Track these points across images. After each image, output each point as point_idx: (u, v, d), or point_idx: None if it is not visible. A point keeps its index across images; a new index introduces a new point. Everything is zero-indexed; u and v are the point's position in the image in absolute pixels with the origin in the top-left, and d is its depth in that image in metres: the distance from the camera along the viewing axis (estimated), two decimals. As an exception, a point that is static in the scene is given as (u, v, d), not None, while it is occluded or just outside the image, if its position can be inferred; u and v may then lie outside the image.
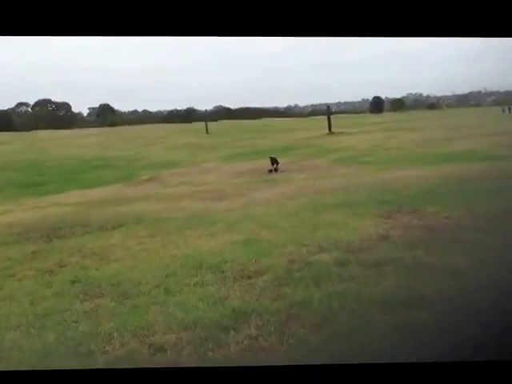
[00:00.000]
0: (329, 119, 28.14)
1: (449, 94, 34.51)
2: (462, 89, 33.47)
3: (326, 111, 29.73)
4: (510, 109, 28.28)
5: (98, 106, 39.32)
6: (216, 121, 37.57)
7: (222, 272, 7.76)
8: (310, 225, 10.07)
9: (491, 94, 33.57)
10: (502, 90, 33.01)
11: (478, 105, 33.55)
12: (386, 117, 33.18)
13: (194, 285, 7.36)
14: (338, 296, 6.27)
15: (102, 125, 38.86)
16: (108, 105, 38.04)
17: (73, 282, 8.30)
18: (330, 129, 27.77)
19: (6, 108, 42.12)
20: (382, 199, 11.30)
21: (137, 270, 8.47)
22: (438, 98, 34.59)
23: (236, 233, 10.18)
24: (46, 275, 8.90)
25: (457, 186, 12.07)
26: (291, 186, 15.69)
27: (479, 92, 33.76)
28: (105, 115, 38.25)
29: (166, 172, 24.29)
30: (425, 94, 34.76)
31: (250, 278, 7.40)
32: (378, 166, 18.40)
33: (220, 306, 6.50)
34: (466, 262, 7.10)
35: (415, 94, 34.67)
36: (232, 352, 5.31)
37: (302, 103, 38.05)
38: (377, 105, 34.39)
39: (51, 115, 42.66)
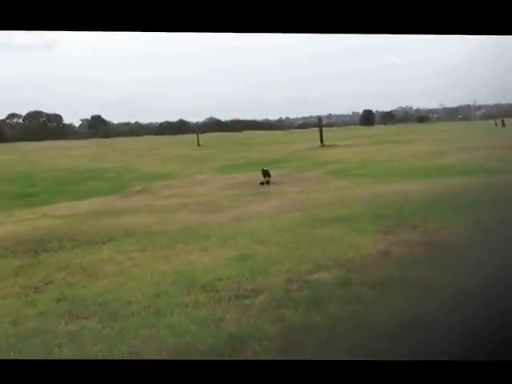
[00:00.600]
0: (320, 132, 27.62)
1: (438, 107, 34.17)
2: (451, 102, 33.04)
3: (318, 123, 29.23)
4: (503, 122, 27.92)
5: (89, 117, 38.59)
6: (207, 133, 37.00)
7: (216, 291, 7.20)
8: (306, 240, 9.53)
9: (480, 107, 33.24)
10: (491, 103, 32.70)
11: (467, 118, 33.20)
12: (377, 130, 32.69)
13: (187, 305, 6.80)
14: (341, 320, 5.73)
15: (94, 136, 38.17)
16: (99, 116, 37.38)
17: (58, 300, 7.71)
18: (321, 141, 27.24)
19: (-3, 119, 41.40)
20: (380, 213, 10.76)
21: (126, 287, 7.88)
22: (428, 111, 34.23)
23: (230, 248, 9.62)
24: (31, 292, 8.28)
25: (455, 200, 11.56)
26: (284, 199, 15.13)
27: (468, 105, 33.43)
28: (96, 127, 37.59)
29: (157, 184, 23.67)
30: (414, 108, 34.37)
31: (245, 297, 6.85)
32: (371, 179, 17.88)
33: (215, 329, 5.94)
34: (472, 281, 6.57)
35: (405, 107, 34.28)
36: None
37: (292, 116, 37.47)
38: (367, 118, 33.94)
39: (42, 127, 41.93)
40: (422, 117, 33.15)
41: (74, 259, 9.99)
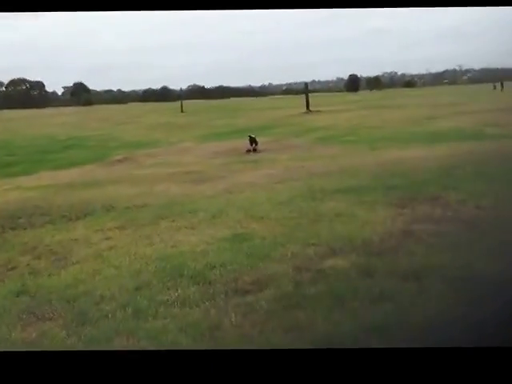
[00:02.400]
0: (307, 97, 25.90)
1: (424, 72, 32.63)
2: (437, 67, 31.51)
3: (304, 89, 27.48)
4: (502, 85, 26.42)
5: (72, 85, 36.48)
6: (191, 100, 35.12)
7: (209, 283, 5.63)
8: (309, 216, 7.97)
9: (466, 71, 31.77)
10: (478, 67, 31.24)
11: (453, 83, 31.74)
12: (363, 95, 31.08)
13: (173, 304, 5.23)
14: (375, 327, 4.21)
15: (77, 104, 36.10)
16: (82, 83, 35.30)
17: (18, 293, 6.11)
18: (307, 107, 25.57)
19: (-21, 87, 39.12)
20: (389, 184, 9.21)
21: (100, 277, 6.27)
22: (413, 77, 32.68)
23: (221, 225, 8.04)
24: (-12, 282, 6.69)
25: (469, 167, 10.03)
26: (276, 167, 13.49)
27: (454, 70, 31.94)
28: (79, 94, 35.50)
29: (140, 152, 21.94)
30: (399, 73, 32.77)
31: (246, 293, 5.29)
32: (365, 146, 16.34)
33: (210, 341, 4.40)
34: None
35: (390, 72, 32.64)
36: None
37: (275, 82, 35.67)
38: (353, 83, 32.26)
39: (25, 94, 39.68)
40: (408, 82, 31.57)
41: (44, 239, 8.35)
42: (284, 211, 8.40)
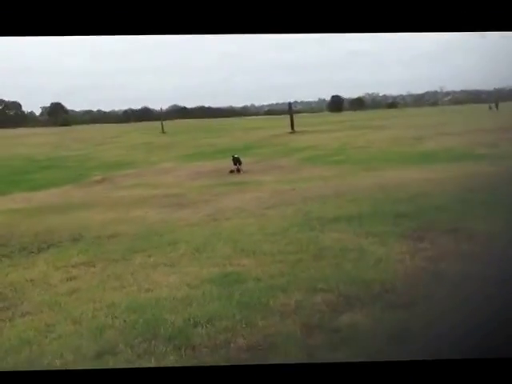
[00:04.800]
0: (291, 117, 24.61)
1: (404, 93, 31.67)
2: (418, 89, 30.59)
3: (286, 110, 26.25)
4: (497, 105, 25.43)
5: (49, 105, 34.86)
6: (172, 120, 33.73)
7: (193, 349, 4.16)
8: (309, 250, 6.53)
9: (447, 93, 30.86)
10: (458, 89, 30.40)
11: (434, 104, 30.79)
12: (348, 115, 29.90)
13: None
14: None
15: (54, 124, 34.46)
16: (60, 103, 33.67)
17: None
18: (292, 127, 24.27)
19: (-46, 107, 37.37)
20: (396, 211, 7.81)
21: (52, 337, 4.76)
22: (395, 98, 31.67)
23: (206, 261, 6.59)
24: None
25: (478, 191, 8.72)
26: (265, 190, 12.07)
27: (435, 92, 31.01)
28: (56, 115, 33.87)
29: (119, 173, 20.46)
30: (381, 94, 31.73)
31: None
32: (355, 167, 15.06)
33: None
34: None
35: (372, 93, 31.58)
36: None
37: (257, 103, 34.46)
38: (336, 104, 31.11)
39: (1, 114, 38.01)
40: (391, 103, 30.53)
41: (-7, 279, 6.83)
42: (279, 244, 6.96)
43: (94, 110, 39.11)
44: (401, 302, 4.61)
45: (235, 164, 17.46)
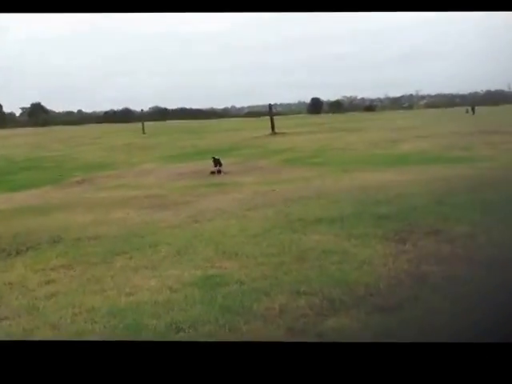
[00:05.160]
0: (271, 119, 24.49)
1: (382, 96, 31.79)
2: (395, 92, 30.72)
3: (266, 112, 26.13)
4: (473, 110, 25.58)
5: (29, 106, 34.28)
6: (153, 121, 33.39)
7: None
8: (292, 252, 6.40)
9: (423, 97, 31.06)
10: (433, 93, 30.62)
11: (410, 107, 30.97)
12: (326, 118, 29.89)
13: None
14: None
15: (35, 125, 33.87)
16: (40, 104, 33.11)
17: None
18: (272, 129, 24.16)
19: None
20: (377, 212, 7.72)
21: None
22: (372, 101, 31.78)
23: (188, 264, 6.41)
24: None
25: (459, 192, 8.68)
26: (245, 191, 11.92)
27: (411, 95, 31.20)
28: (37, 115, 33.29)
29: (100, 174, 20.13)
30: (359, 97, 31.82)
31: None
32: (334, 168, 15.00)
33: None
34: None
35: (350, 96, 31.65)
36: None
37: (238, 105, 34.30)
38: (315, 106, 31.11)
39: (-20, 116, 37.28)
40: (369, 106, 30.61)
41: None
42: (261, 246, 6.81)
43: (75, 110, 38.59)
44: (385, 305, 4.49)
45: (215, 165, 17.30)
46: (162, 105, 35.66)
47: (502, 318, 3.95)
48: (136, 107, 33.79)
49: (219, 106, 35.50)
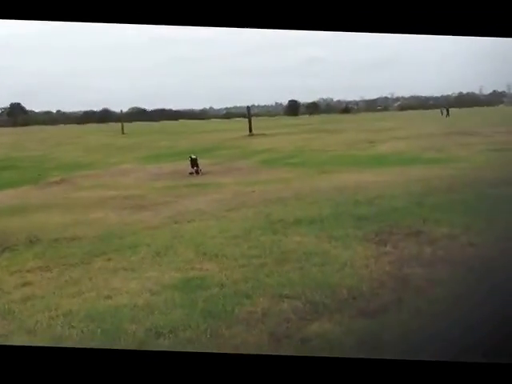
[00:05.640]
0: (249, 120, 24.32)
1: (357, 99, 31.87)
2: (370, 95, 30.85)
3: (244, 113, 25.96)
4: (448, 111, 25.71)
5: (8, 105, 33.57)
6: (132, 122, 32.96)
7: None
8: (273, 254, 6.23)
9: (397, 99, 31.21)
10: (407, 95, 30.81)
11: (385, 109, 31.09)
12: (303, 120, 29.83)
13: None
14: None
15: (14, 125, 33.19)
16: (19, 104, 32.47)
17: None
18: (250, 130, 23.98)
19: None
20: (357, 213, 7.60)
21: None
22: (348, 103, 31.84)
23: (168, 266, 6.21)
24: None
25: (437, 193, 8.61)
26: (224, 191, 11.72)
27: (386, 98, 31.33)
28: (16, 115, 32.62)
29: (78, 174, 19.69)
30: (335, 99, 31.85)
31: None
32: (312, 169, 14.87)
33: None
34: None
35: (326, 98, 31.64)
36: None
37: (216, 106, 34.10)
38: (293, 108, 31.04)
39: (-42, 115, 36.47)
40: (346, 108, 30.64)
41: None
42: (242, 247, 6.63)
43: (54, 110, 37.93)
44: (368, 308, 4.35)
45: (193, 166, 17.03)
46: (142, 106, 35.23)
47: (484, 318, 3.85)
48: (115, 108, 33.32)
49: (198, 107, 35.23)
